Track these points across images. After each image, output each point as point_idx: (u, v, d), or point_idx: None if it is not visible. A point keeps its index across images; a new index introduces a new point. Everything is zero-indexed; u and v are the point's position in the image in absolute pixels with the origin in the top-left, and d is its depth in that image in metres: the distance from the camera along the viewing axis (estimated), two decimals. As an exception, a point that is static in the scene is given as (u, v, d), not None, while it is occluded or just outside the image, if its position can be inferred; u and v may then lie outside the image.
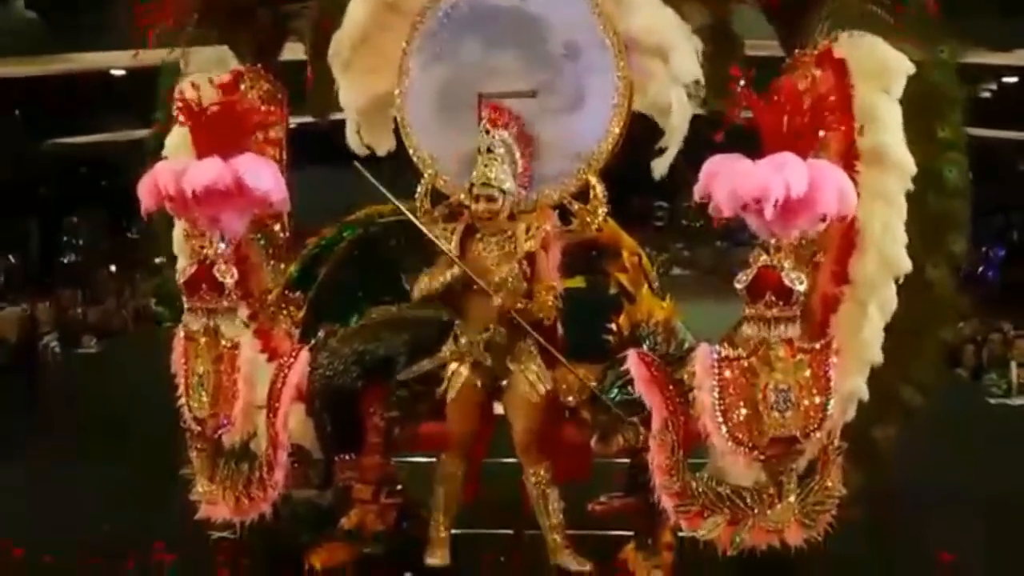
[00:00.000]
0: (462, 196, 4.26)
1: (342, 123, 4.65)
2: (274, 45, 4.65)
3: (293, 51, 4.78)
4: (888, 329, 4.04)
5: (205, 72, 4.45)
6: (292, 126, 4.80)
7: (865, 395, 4.06)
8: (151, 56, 4.49)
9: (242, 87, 4.35)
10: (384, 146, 4.68)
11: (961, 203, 4.29)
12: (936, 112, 4.22)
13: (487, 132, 4.12)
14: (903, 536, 4.51)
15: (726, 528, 3.72)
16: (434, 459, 4.24)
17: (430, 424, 4.24)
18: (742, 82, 3.65)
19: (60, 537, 4.42)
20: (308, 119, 4.98)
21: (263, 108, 4.43)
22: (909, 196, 4.01)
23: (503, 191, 4.09)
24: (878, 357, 4.04)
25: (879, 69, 4.00)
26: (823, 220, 3.55)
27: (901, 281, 4.01)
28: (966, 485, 5.28)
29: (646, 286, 4.18)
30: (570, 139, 4.27)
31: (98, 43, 10.31)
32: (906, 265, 4.00)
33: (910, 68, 3.97)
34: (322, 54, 4.56)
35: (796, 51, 4.12)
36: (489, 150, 4.09)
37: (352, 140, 4.63)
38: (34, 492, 5.20)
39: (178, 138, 4.26)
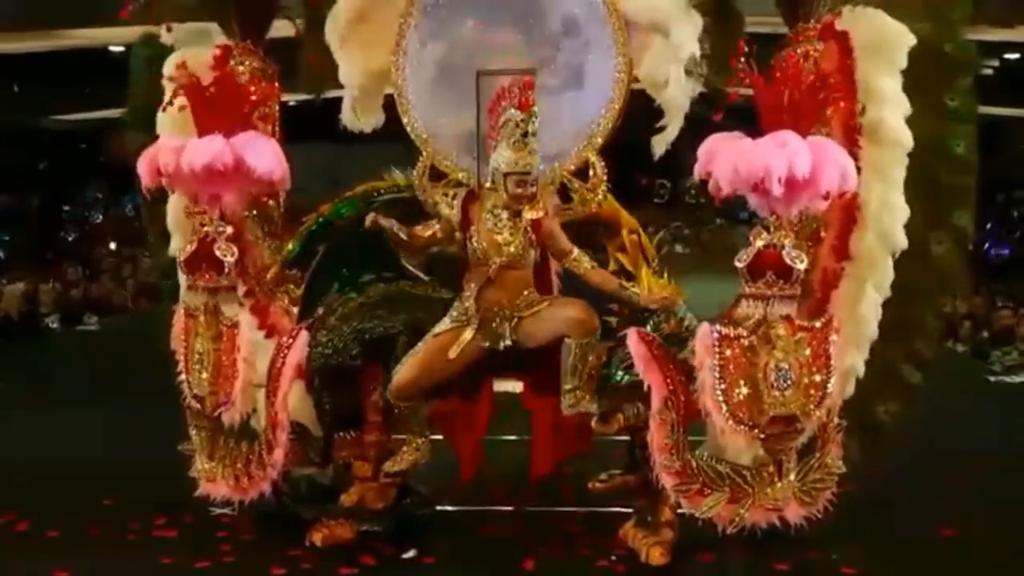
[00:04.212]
0: (460, 175, 4.25)
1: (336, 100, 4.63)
2: (263, 21, 4.62)
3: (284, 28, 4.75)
4: (889, 305, 4.04)
5: (190, 47, 4.42)
6: (292, 104, 4.79)
7: (862, 371, 4.07)
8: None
9: (231, 63, 4.31)
10: (373, 123, 4.65)
11: (967, 178, 4.27)
12: (946, 81, 4.19)
13: (524, 117, 3.91)
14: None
15: (726, 506, 3.74)
16: (437, 437, 4.24)
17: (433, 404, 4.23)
18: (743, 58, 3.62)
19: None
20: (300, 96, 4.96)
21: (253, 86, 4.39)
22: (916, 170, 3.99)
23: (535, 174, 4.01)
24: (875, 333, 4.04)
25: (882, 42, 3.97)
26: (825, 198, 3.55)
27: (897, 256, 4.01)
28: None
29: (645, 265, 4.17)
30: (570, 117, 4.24)
31: (95, 19, 10.28)
32: (902, 241, 3.99)
33: (912, 41, 3.94)
34: (316, 30, 4.53)
35: (799, 24, 4.10)
36: (524, 136, 3.92)
37: (347, 117, 4.60)
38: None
39: (169, 115, 4.24)
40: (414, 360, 4.02)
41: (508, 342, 3.99)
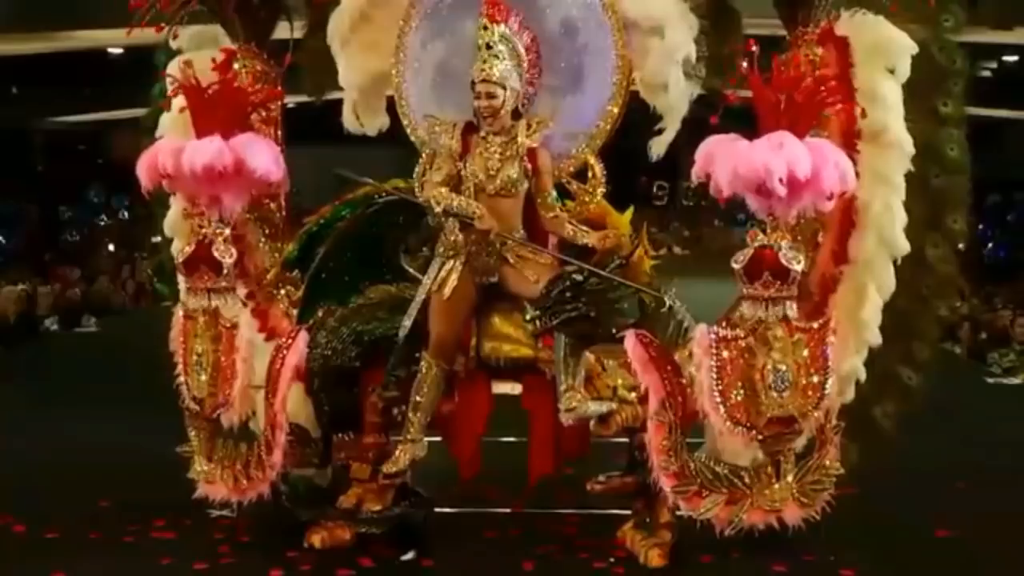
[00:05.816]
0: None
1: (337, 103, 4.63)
2: (266, 24, 4.62)
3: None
4: (887, 307, 4.04)
5: (197, 51, 4.43)
6: (291, 106, 4.79)
7: (863, 375, 4.08)
8: (148, 35, 4.46)
9: (235, 66, 4.31)
10: (377, 125, 4.66)
11: (961, 180, 4.29)
12: (939, 87, 4.21)
13: (485, 28, 4.02)
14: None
15: (724, 508, 3.74)
16: (435, 439, 4.23)
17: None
18: (744, 60, 3.63)
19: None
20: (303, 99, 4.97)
21: (257, 87, 4.39)
22: (910, 174, 4.00)
23: (504, 87, 4.02)
24: (877, 338, 4.05)
25: (881, 47, 3.99)
26: (829, 199, 3.55)
27: (899, 262, 4.02)
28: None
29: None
30: (568, 118, 4.25)
31: (95, 21, 10.29)
32: (904, 246, 4.00)
33: (913, 47, 3.96)
34: (317, 33, 4.54)
35: (798, 29, 4.11)
36: (488, 47, 4.00)
37: (348, 119, 4.61)
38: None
39: (172, 117, 4.24)
40: (433, 321, 4.05)
41: (493, 280, 4.03)
